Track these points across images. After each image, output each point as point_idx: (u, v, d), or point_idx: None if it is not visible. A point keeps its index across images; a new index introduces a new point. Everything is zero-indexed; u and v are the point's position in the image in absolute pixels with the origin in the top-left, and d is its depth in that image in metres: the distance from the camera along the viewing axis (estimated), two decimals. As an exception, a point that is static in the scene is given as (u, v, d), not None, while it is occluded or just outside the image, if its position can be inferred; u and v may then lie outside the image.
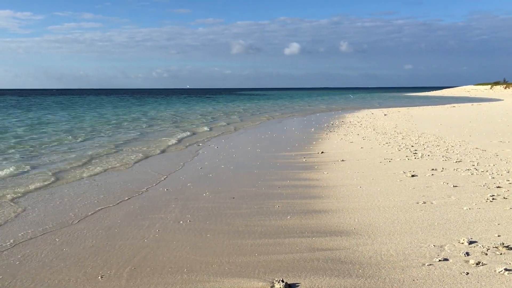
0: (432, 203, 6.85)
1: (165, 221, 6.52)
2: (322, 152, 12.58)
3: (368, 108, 37.42)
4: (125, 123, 25.21)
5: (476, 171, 9.03)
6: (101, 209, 7.27)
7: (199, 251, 5.28)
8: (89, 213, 7.02)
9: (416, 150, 12.11)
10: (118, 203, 7.61)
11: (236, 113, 35.63)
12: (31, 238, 5.88)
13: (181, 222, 6.45)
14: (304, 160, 11.56)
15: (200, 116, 31.41)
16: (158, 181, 9.35)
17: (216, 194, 8.07)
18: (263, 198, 7.70)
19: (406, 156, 11.14)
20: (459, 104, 40.48)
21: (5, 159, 12.30)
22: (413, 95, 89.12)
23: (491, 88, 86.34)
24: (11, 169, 10.58)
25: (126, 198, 7.95)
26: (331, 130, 19.04)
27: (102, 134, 19.01)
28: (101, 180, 9.54)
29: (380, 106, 43.01)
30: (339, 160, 11.14)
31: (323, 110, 37.77)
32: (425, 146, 12.75)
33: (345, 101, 59.20)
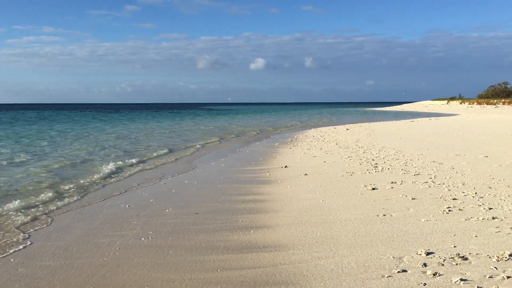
0: (391, 216, 7.02)
1: (126, 238, 6.39)
2: (285, 166, 12.69)
3: (334, 125, 38.00)
4: (70, 140, 24.63)
5: (433, 183, 9.32)
6: (59, 227, 7.06)
7: (161, 268, 5.19)
8: (47, 231, 6.79)
9: (376, 163, 12.40)
10: (76, 221, 7.41)
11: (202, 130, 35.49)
12: (-16, 259, 5.63)
13: (142, 239, 6.33)
14: (268, 174, 11.62)
15: (167, 131, 31.11)
16: (119, 198, 9.17)
17: (179, 210, 7.99)
18: (226, 213, 7.67)
19: (367, 170, 11.38)
20: (418, 119, 41.78)
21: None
22: (375, 110, 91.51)
23: (447, 103, 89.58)
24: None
25: (86, 216, 7.75)
26: (294, 145, 19.24)
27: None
28: (60, 197, 9.26)
29: (339, 122, 43.84)
30: (302, 174, 11.26)
31: (288, 126, 38.13)
32: (385, 160, 13.07)
33: (309, 117, 60.05)
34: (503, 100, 77.43)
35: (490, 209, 7.13)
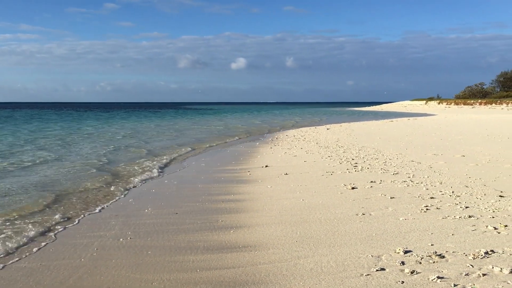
0: (370, 215, 7.08)
1: (104, 239, 6.30)
2: (266, 166, 12.69)
3: (317, 125, 38.16)
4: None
5: (412, 182, 9.44)
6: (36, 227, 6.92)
7: (139, 269, 5.13)
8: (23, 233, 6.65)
9: (356, 163, 12.50)
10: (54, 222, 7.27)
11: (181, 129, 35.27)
12: (-44, 261, 5.48)
13: (121, 239, 6.25)
14: (248, 174, 11.61)
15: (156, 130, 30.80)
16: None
17: (158, 210, 7.91)
18: (206, 213, 7.63)
19: (347, 169, 11.47)
20: (397, 119, 42.32)
21: None
22: (355, 110, 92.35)
23: (426, 104, 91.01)
24: None
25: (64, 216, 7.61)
26: (275, 144, 19.27)
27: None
28: (36, 198, 9.08)
29: (323, 122, 44.08)
30: (283, 174, 11.28)
31: (267, 128, 38.17)
32: (365, 159, 13.19)
33: (291, 116, 60.25)
34: (479, 101, 79.04)
35: (466, 207, 7.25)
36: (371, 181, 9.73)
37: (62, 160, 14.77)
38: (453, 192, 8.40)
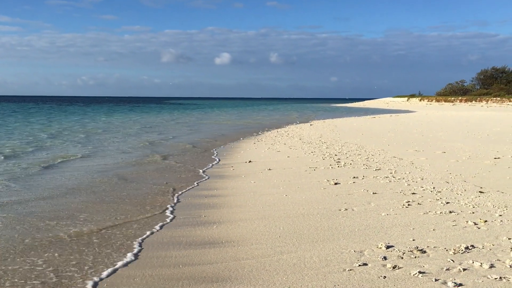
0: (353, 210, 7.12)
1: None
2: (249, 161, 12.67)
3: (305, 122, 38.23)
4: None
5: (394, 178, 9.52)
6: None
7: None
8: None
9: (339, 159, 12.56)
10: None
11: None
12: None
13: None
14: (232, 169, 11.57)
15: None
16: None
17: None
18: (189, 208, 7.58)
19: (330, 165, 11.52)
20: (379, 115, 42.66)
21: None
22: (338, 106, 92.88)
23: (407, 100, 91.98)
24: None
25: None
26: (258, 140, 19.26)
27: None
28: None
29: (309, 119, 44.17)
30: (266, 169, 11.28)
31: (250, 123, 38.14)
32: (348, 155, 13.27)
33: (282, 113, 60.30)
34: (460, 98, 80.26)
35: (447, 203, 7.34)
36: (354, 177, 9.78)
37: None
38: (434, 187, 8.49)
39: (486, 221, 6.28)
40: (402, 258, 5.00)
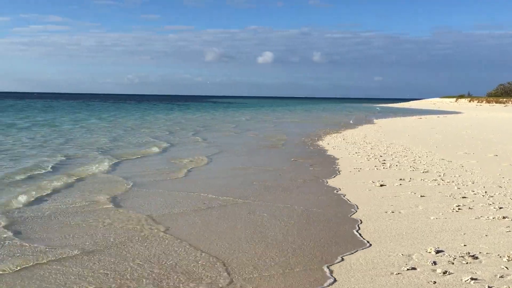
0: (400, 213, 6.96)
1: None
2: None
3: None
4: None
5: (443, 181, 9.24)
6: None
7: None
8: None
9: (384, 160, 12.32)
10: None
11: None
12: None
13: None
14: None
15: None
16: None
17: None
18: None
19: (375, 166, 11.31)
20: (426, 116, 41.45)
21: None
22: (384, 106, 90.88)
23: (456, 101, 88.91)
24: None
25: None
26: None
27: None
28: None
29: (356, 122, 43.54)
30: (310, 169, 11.20)
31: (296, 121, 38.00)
32: (393, 157, 12.99)
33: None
34: (512, 99, 76.77)
35: (500, 208, 7.05)
36: (400, 179, 9.57)
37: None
38: (486, 192, 8.18)
39: (543, 228, 5.99)
40: (453, 263, 4.85)
